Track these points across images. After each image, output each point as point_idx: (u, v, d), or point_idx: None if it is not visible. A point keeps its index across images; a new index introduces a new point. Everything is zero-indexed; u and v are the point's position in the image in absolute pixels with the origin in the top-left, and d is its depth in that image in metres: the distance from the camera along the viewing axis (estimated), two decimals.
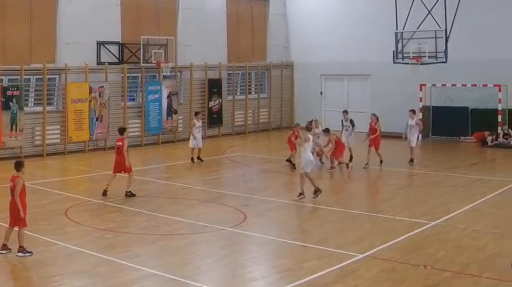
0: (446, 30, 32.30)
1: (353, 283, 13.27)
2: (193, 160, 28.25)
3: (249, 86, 40.30)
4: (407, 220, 18.52)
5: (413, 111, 28.64)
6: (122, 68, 32.87)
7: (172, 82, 35.24)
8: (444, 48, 32.53)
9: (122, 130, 22.63)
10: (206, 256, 15.37)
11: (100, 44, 32.21)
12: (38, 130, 30.01)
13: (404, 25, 33.73)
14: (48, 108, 30.40)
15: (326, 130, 27.17)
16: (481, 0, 34.56)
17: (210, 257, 15.23)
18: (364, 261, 14.64)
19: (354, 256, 14.86)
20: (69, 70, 30.59)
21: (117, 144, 22.00)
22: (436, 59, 33.05)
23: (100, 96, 31.63)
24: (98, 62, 32.11)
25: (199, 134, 28.54)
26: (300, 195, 20.67)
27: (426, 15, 32.82)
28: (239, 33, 40.08)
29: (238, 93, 39.75)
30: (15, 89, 28.67)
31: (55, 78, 31.19)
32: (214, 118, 37.25)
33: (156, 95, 34.19)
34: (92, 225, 17.77)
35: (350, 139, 28.00)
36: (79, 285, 13.11)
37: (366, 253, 15.12)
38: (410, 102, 35.35)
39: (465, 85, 34.95)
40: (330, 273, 13.75)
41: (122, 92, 33.05)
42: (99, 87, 31.66)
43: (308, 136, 21.06)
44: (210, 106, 37.05)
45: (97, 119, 31.59)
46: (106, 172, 26.30)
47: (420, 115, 35.80)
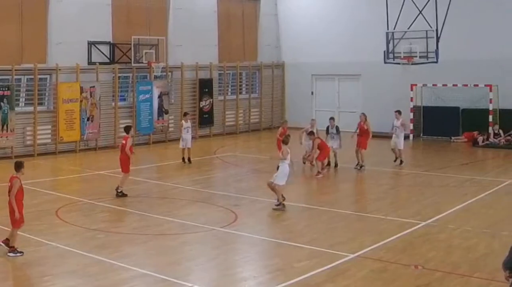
0: (437, 30, 32.38)
1: (344, 283, 13.28)
2: (184, 160, 28.26)
3: (240, 86, 40.28)
4: (398, 220, 18.54)
5: (399, 112, 28.30)
6: (113, 68, 32.85)
7: (163, 82, 35.23)
8: (435, 48, 32.63)
9: (126, 129, 22.50)
10: (197, 256, 15.36)
11: (91, 44, 32.17)
12: (29, 130, 29.98)
13: (395, 25, 33.80)
14: (39, 108, 30.36)
15: (311, 133, 26.39)
16: (472, 0, 34.66)
17: (201, 257, 15.22)
18: (355, 261, 14.66)
19: (345, 256, 14.88)
20: (60, 70, 30.57)
21: (122, 142, 22.23)
22: (427, 59, 33.15)
23: (91, 96, 31.60)
24: (89, 62, 32.08)
25: (188, 135, 28.37)
26: (279, 204, 20.04)
27: (417, 15, 32.89)
28: (230, 33, 40.06)
29: (229, 93, 39.74)
30: (6, 89, 28.62)
31: (46, 78, 31.15)
32: (205, 118, 37.24)
33: (147, 95, 34.17)
34: (83, 225, 17.74)
35: (335, 144, 27.26)
36: (70, 285, 13.08)
37: (357, 253, 15.13)
38: (401, 102, 35.45)
39: (456, 85, 35.03)
40: (321, 273, 13.76)
41: (113, 92, 33.03)
42: (90, 87, 31.63)
43: (287, 150, 20.22)
44: (201, 106, 37.04)
45: (88, 119, 31.56)
46: (97, 172, 26.39)
47: (411, 116, 35.96)
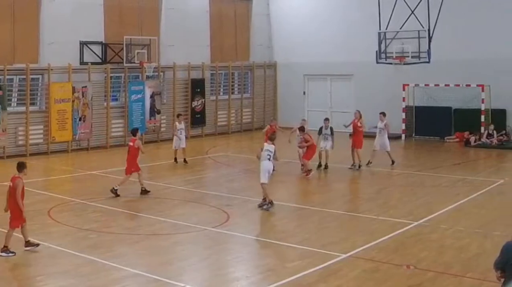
0: (429, 30, 32.37)
1: (336, 283, 13.29)
2: (176, 160, 28.20)
3: (232, 86, 40.23)
4: (390, 220, 18.55)
5: (383, 114, 28.22)
6: (105, 68, 32.79)
7: (155, 82, 35.18)
8: (427, 48, 32.61)
9: (134, 131, 23.03)
10: (189, 256, 15.35)
11: (83, 44, 32.09)
12: (21, 130, 29.90)
13: (387, 25, 33.80)
14: (31, 108, 30.27)
15: (301, 129, 26.15)
16: (464, 0, 34.69)
17: (193, 257, 15.21)
18: (347, 261, 14.67)
19: (337, 256, 14.89)
20: (52, 70, 30.51)
21: (128, 144, 22.75)
22: (419, 59, 33.13)
23: (83, 96, 31.53)
24: (81, 62, 32.01)
25: (182, 136, 28.35)
26: (267, 203, 19.94)
27: (409, 15, 32.89)
28: (222, 33, 40.01)
29: (221, 93, 39.70)
30: None
31: (38, 78, 31.07)
32: (197, 118, 37.20)
33: (139, 95, 34.11)
34: (75, 225, 17.71)
35: (328, 145, 26.93)
36: (63, 285, 13.07)
37: (349, 253, 15.14)
38: (393, 102, 35.54)
39: (448, 85, 35.06)
40: (313, 273, 13.77)
41: (105, 92, 32.97)
42: (82, 87, 31.57)
43: (266, 147, 20.03)
44: (193, 106, 37.01)
45: (80, 119, 31.50)
46: (89, 172, 26.35)
47: (403, 116, 36.01)
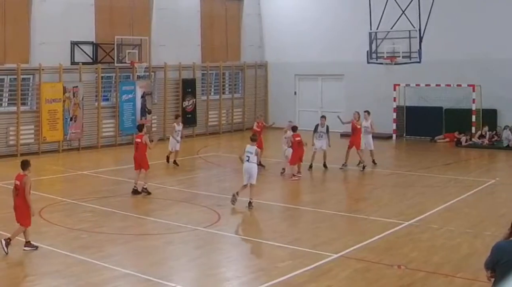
0: (420, 30, 32.48)
1: (327, 283, 13.30)
2: (168, 159, 28.12)
3: (223, 86, 40.28)
4: (381, 220, 18.57)
5: (368, 113, 28.07)
6: (96, 68, 32.74)
7: (146, 82, 35.14)
8: (418, 48, 32.73)
9: (140, 127, 22.97)
10: (180, 256, 15.36)
11: (74, 44, 32.05)
12: (12, 130, 29.82)
13: (378, 25, 33.89)
14: (22, 108, 30.21)
15: (294, 128, 25.65)
16: (455, 0, 34.76)
17: (184, 257, 15.22)
18: (338, 261, 14.68)
19: (328, 256, 14.90)
20: (43, 70, 30.45)
21: (136, 140, 22.78)
22: (410, 59, 33.25)
23: (74, 96, 31.48)
24: (72, 62, 31.96)
25: (179, 138, 28.09)
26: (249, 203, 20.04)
27: (400, 15, 32.97)
28: (213, 33, 40.01)
29: (212, 93, 39.70)
30: None
31: (29, 78, 30.99)
32: (188, 118, 37.12)
33: (130, 95, 34.09)
34: (66, 225, 17.69)
35: (324, 144, 26.89)
36: (54, 285, 13.04)
37: (340, 253, 15.15)
38: (384, 102, 35.60)
39: (439, 85, 35.11)
40: (304, 273, 13.78)
41: (96, 92, 32.93)
42: (73, 87, 31.52)
43: (249, 149, 20.10)
44: (184, 106, 36.98)
45: (71, 119, 31.45)
46: (80, 172, 26.31)
47: (394, 116, 36.07)
